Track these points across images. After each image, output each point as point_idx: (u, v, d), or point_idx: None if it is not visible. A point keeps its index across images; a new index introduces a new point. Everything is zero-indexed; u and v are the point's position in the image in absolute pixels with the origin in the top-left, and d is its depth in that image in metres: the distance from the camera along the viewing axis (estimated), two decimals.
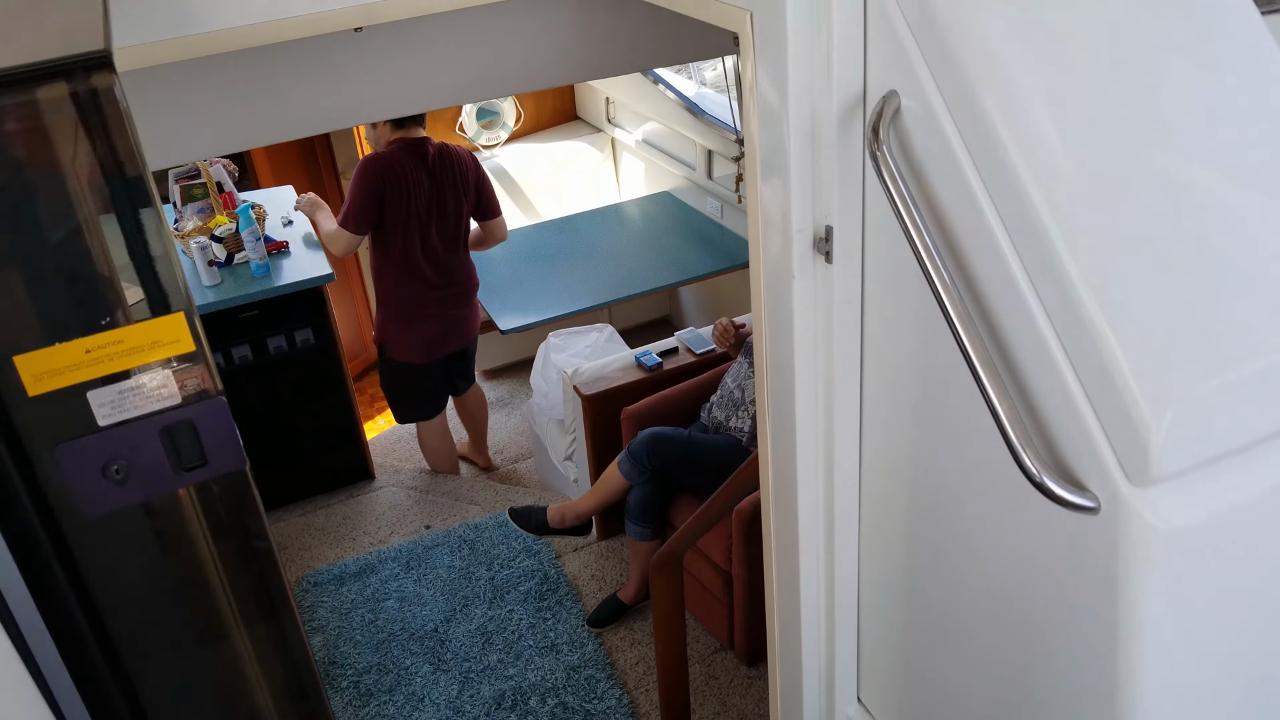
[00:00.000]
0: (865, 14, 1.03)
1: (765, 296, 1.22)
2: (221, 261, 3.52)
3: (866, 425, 1.22)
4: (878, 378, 1.18)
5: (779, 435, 1.30)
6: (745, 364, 3.13)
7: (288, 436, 3.77)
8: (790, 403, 1.22)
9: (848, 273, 1.13)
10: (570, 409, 3.52)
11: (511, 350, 4.97)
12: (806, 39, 1.04)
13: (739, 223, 4.43)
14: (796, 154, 1.08)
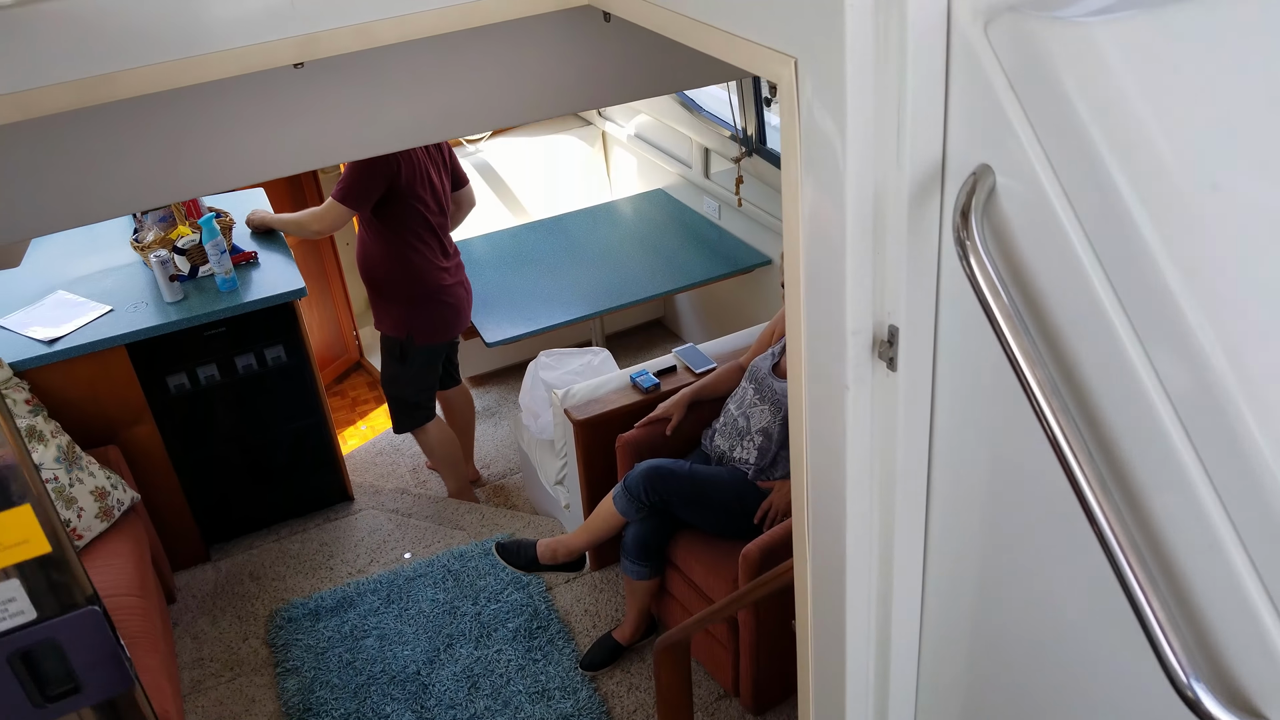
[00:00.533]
0: (948, 64, 0.79)
1: (808, 409, 0.99)
2: (185, 275, 3.26)
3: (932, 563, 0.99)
4: (949, 510, 0.95)
5: (825, 565, 1.07)
6: (750, 389, 2.90)
7: (260, 459, 3.53)
8: (840, 531, 0.99)
9: (915, 383, 0.90)
10: (561, 432, 3.29)
11: (497, 357, 4.72)
12: (871, 95, 0.80)
13: (738, 224, 4.19)
14: (855, 239, 0.85)
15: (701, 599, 2.84)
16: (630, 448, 3.01)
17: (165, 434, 3.28)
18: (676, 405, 3.04)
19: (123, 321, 3.09)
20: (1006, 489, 0.87)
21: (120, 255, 3.42)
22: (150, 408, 3.22)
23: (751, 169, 3.79)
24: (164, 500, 3.35)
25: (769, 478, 2.81)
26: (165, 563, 3.35)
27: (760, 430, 2.81)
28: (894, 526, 0.96)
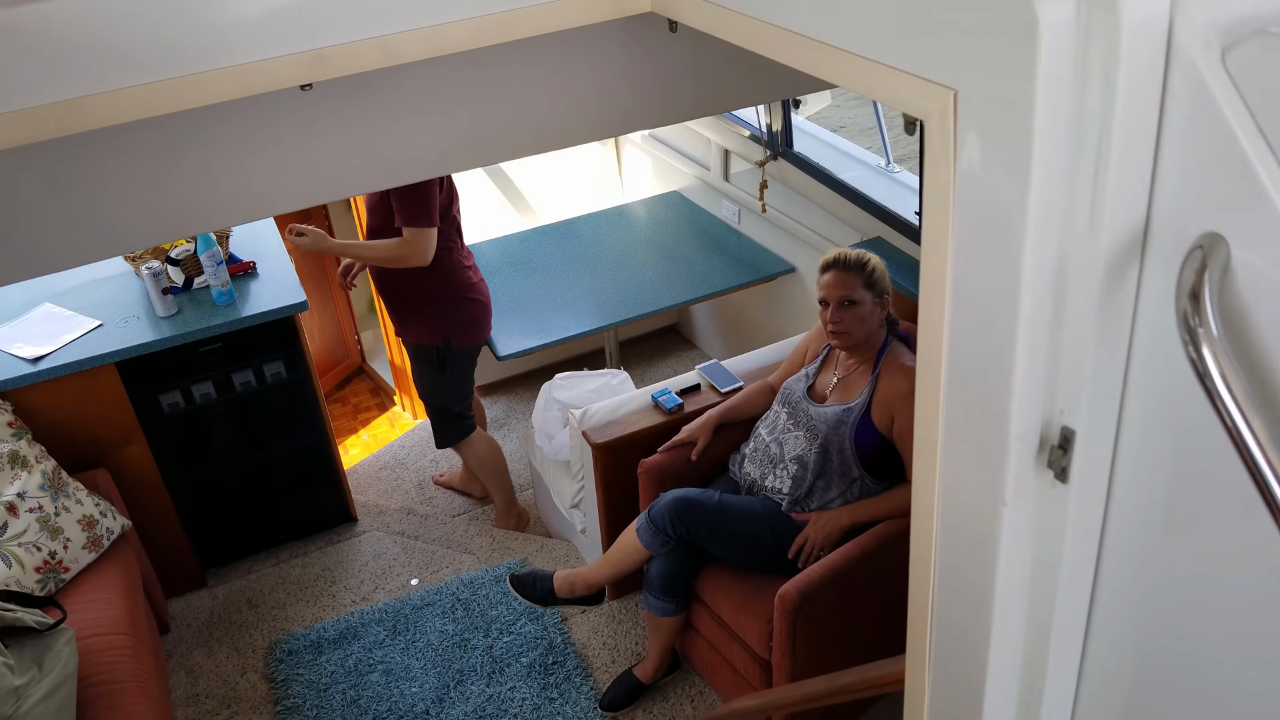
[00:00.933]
0: (1164, 102, 0.60)
1: (942, 525, 0.80)
2: (179, 287, 3.07)
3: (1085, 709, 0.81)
4: (1113, 650, 0.77)
5: (952, 703, 0.88)
6: (783, 414, 2.72)
7: (259, 479, 3.34)
8: (979, 671, 0.81)
9: (1089, 497, 0.71)
10: (578, 454, 3.11)
11: (505, 366, 4.53)
12: (1064, 141, 0.62)
13: (760, 229, 4.00)
14: (1030, 322, 0.66)
15: (730, 638, 2.66)
16: (653, 474, 2.82)
17: (158, 455, 3.10)
18: (702, 428, 2.85)
19: (113, 337, 2.90)
20: (1210, 629, 0.69)
21: (111, 265, 3.23)
22: (142, 428, 3.03)
23: (777, 173, 3.60)
24: (157, 524, 3.17)
25: (804, 509, 2.63)
26: (158, 590, 3.16)
27: (794, 459, 2.63)
28: (1045, 670, 0.78)
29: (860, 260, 2.56)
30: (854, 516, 2.58)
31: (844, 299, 2.54)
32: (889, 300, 2.61)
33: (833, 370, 2.71)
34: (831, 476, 2.60)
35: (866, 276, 2.55)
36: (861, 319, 2.55)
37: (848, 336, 2.56)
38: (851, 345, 2.59)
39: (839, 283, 2.55)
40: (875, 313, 2.58)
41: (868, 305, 2.55)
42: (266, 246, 3.31)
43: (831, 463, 2.60)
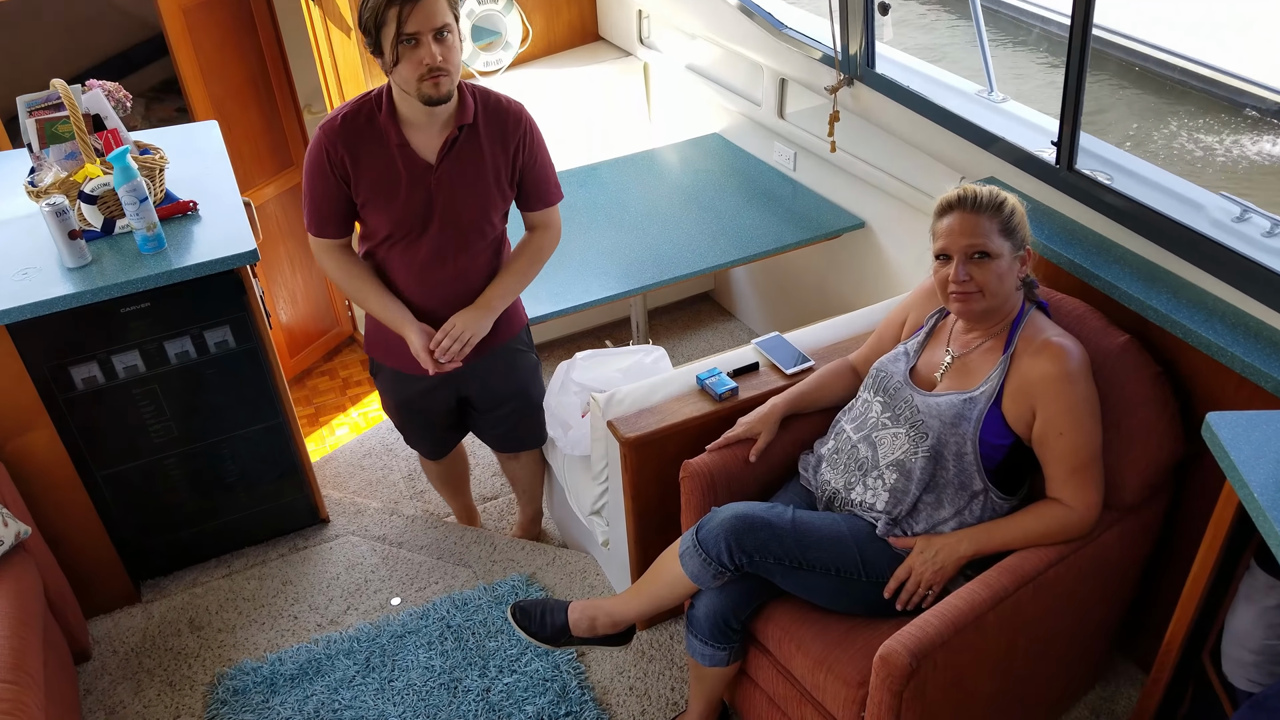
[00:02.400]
0: None
1: None
2: (96, 231, 2.41)
3: None
4: None
5: None
6: (876, 404, 2.05)
7: (204, 474, 2.69)
8: None
9: None
10: (601, 450, 2.45)
11: None
12: None
13: (820, 175, 3.30)
14: None
15: (802, 699, 2.01)
16: (700, 480, 2.16)
17: (70, 444, 2.45)
18: (764, 421, 2.18)
19: (5, 295, 2.25)
20: None
21: (12, 206, 2.57)
22: (48, 410, 2.38)
23: (851, 102, 2.90)
24: (71, 529, 2.53)
25: (906, 532, 1.97)
26: (75, 610, 2.53)
27: (893, 464, 1.96)
28: None
29: (994, 198, 1.88)
30: (976, 545, 1.91)
31: (973, 249, 1.86)
32: (1030, 255, 1.93)
33: (943, 347, 2.04)
34: (944, 489, 1.94)
35: (1004, 220, 1.87)
36: (999, 277, 1.87)
37: (978, 300, 1.89)
38: (981, 313, 1.91)
39: (967, 227, 1.87)
40: (1014, 270, 1.90)
41: (1005, 259, 1.88)
42: (213, 184, 2.64)
43: (945, 471, 1.93)
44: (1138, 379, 1.96)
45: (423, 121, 2.16)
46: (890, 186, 2.98)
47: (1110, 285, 2.07)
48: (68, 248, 2.28)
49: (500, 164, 2.24)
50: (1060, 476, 1.88)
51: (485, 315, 2.33)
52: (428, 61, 2.01)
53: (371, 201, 2.20)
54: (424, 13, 1.97)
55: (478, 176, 2.23)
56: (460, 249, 2.28)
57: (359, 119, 2.16)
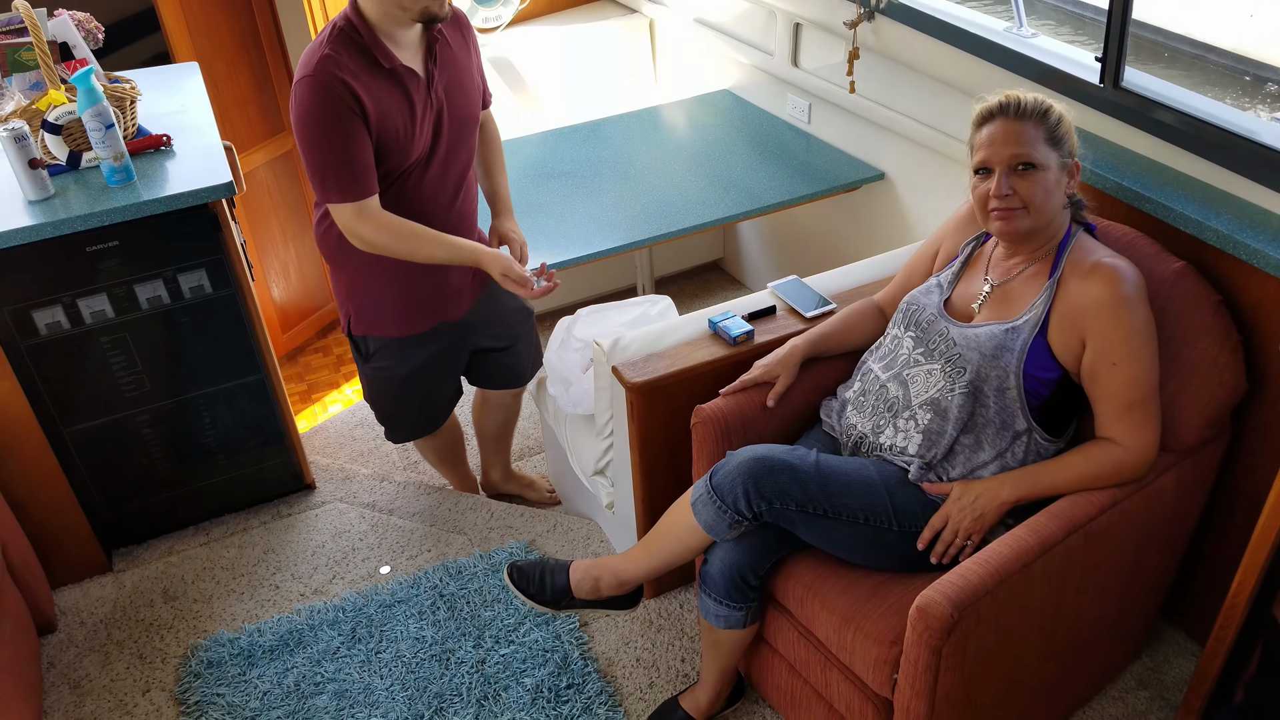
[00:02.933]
0: None
1: None
2: (60, 165, 2.23)
3: None
4: None
5: None
6: (906, 340, 1.87)
7: (180, 432, 2.52)
8: None
9: None
10: (605, 400, 2.27)
11: None
12: None
13: (836, 126, 3.13)
14: None
15: (827, 663, 1.83)
16: (714, 426, 1.97)
17: (33, 396, 2.27)
18: (783, 363, 2.00)
19: None
20: None
21: None
22: (9, 357, 2.20)
23: (872, 39, 2.73)
24: (36, 490, 2.35)
25: (941, 477, 1.78)
26: (40, 578, 2.35)
27: (927, 403, 1.78)
28: None
29: (1039, 105, 1.70)
30: (1019, 489, 1.73)
31: (1017, 160, 1.68)
32: (1078, 167, 1.75)
33: (981, 275, 1.86)
34: (984, 430, 1.75)
35: (1050, 127, 1.69)
36: (1046, 190, 1.69)
37: (1022, 218, 1.71)
38: (1026, 233, 1.73)
39: (1010, 135, 1.69)
40: (1061, 184, 1.72)
41: (1053, 171, 1.69)
42: (191, 122, 2.46)
43: (985, 409, 1.75)
44: (1196, 308, 1.77)
45: (408, 39, 2.00)
46: (912, 132, 2.80)
47: (1163, 208, 1.89)
48: (28, 178, 2.10)
49: (470, 67, 2.15)
50: (1113, 413, 1.69)
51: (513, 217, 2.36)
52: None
53: (391, 137, 1.97)
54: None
55: (464, 73, 2.11)
56: (463, 170, 2.16)
57: (353, 51, 1.93)
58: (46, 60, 2.15)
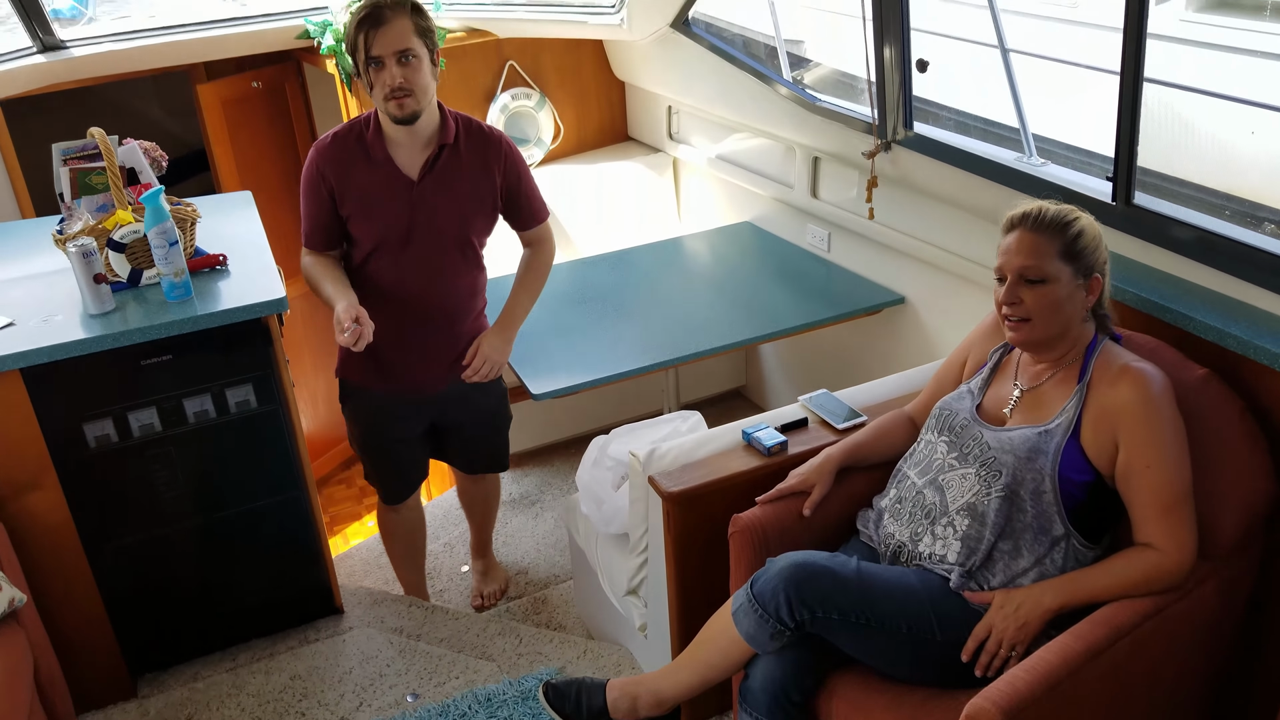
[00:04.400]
0: None
1: None
2: (122, 282, 2.34)
3: None
4: None
5: None
6: (940, 445, 1.90)
7: (215, 550, 2.53)
8: None
9: None
10: (641, 513, 2.28)
11: (540, 429, 3.74)
12: None
13: (857, 253, 3.25)
14: None
15: None
16: (752, 536, 1.99)
17: (77, 507, 2.30)
18: (819, 472, 2.03)
19: (23, 337, 2.16)
20: None
21: (46, 260, 2.52)
22: (56, 468, 2.25)
23: (890, 167, 2.87)
24: (69, 603, 2.35)
25: (982, 585, 1.78)
26: (64, 698, 2.31)
27: (964, 508, 1.80)
28: None
29: (1061, 218, 1.79)
30: (1061, 596, 1.72)
31: (1027, 271, 1.76)
32: (1099, 283, 1.81)
33: (1011, 381, 1.90)
34: (1022, 535, 1.76)
35: (1067, 242, 1.77)
36: (1053, 304, 1.75)
37: (1028, 329, 1.78)
38: (1034, 342, 1.80)
39: (1024, 246, 1.77)
40: (1076, 297, 1.78)
41: (1064, 285, 1.76)
42: (245, 244, 2.58)
43: (1023, 513, 1.76)
44: (1223, 413, 1.81)
45: (405, 140, 2.31)
46: (931, 256, 2.91)
47: (1183, 317, 1.95)
48: (91, 292, 2.20)
49: (481, 184, 2.38)
50: (1150, 517, 1.71)
51: (507, 333, 2.51)
52: (389, 83, 2.19)
53: (357, 213, 2.33)
54: (386, 37, 2.16)
55: (457, 193, 2.36)
56: (440, 264, 2.39)
57: (349, 138, 2.33)
58: (117, 182, 2.28)
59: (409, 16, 2.18)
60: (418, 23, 2.20)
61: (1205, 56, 5.34)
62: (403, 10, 2.17)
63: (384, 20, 2.15)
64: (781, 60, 3.49)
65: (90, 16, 4.13)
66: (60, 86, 3.51)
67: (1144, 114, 2.08)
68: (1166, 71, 4.63)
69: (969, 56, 5.09)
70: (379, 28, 2.15)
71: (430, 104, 2.28)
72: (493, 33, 3.84)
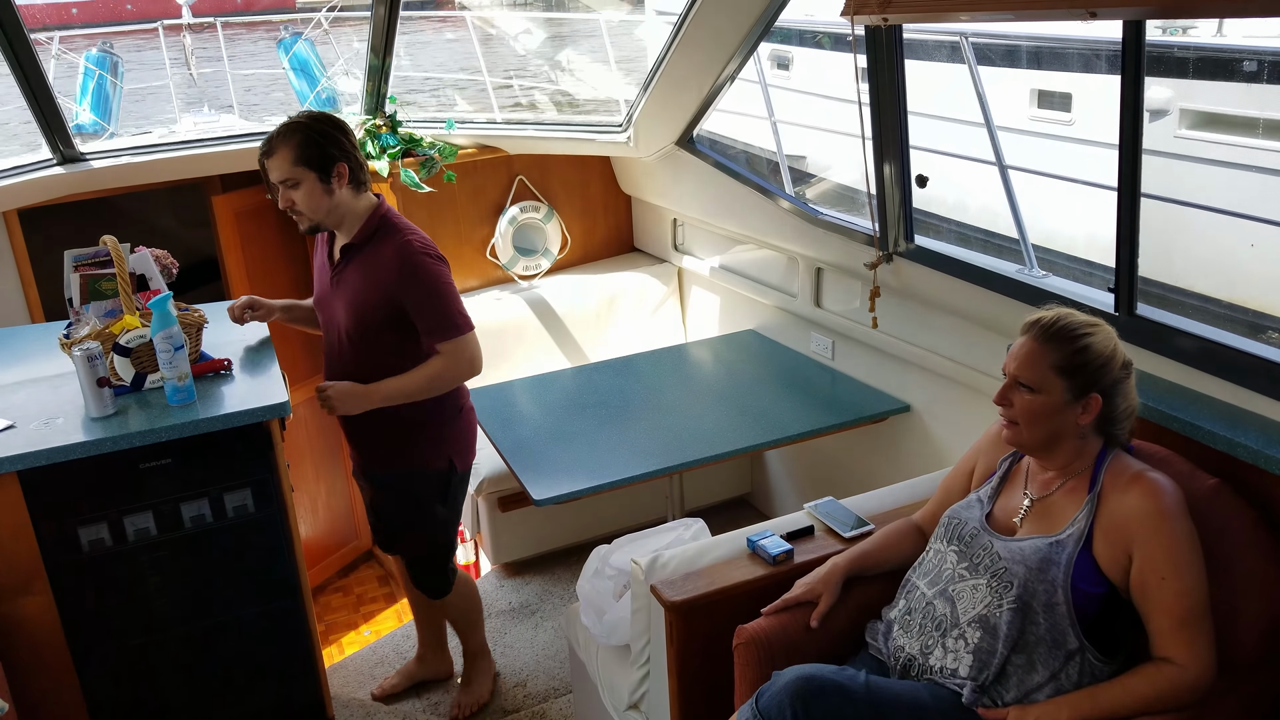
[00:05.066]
0: None
1: None
2: (125, 386, 2.35)
3: None
4: None
5: None
6: (950, 555, 1.86)
7: (203, 660, 2.46)
8: None
9: None
10: (643, 623, 2.22)
11: (540, 537, 3.69)
12: None
13: (860, 362, 3.26)
14: None
15: None
16: (757, 648, 1.93)
17: (66, 612, 2.26)
18: (825, 581, 1.99)
19: (21, 440, 2.16)
20: None
21: (51, 364, 2.53)
22: (48, 571, 2.21)
23: (893, 278, 2.90)
24: (54, 713, 2.27)
25: (996, 701, 1.72)
26: None
27: (976, 620, 1.75)
28: None
29: (1069, 331, 1.76)
30: (1077, 712, 1.66)
31: (1020, 377, 1.76)
32: (1096, 403, 1.74)
33: (1020, 490, 1.88)
34: (1036, 648, 1.71)
35: (1067, 356, 1.74)
36: (1036, 415, 1.74)
37: (1015, 431, 1.79)
38: (1022, 445, 1.80)
39: (1022, 352, 1.78)
40: (1067, 413, 1.75)
41: (1054, 397, 1.73)
42: (250, 352, 2.60)
43: (1036, 626, 1.71)
44: (1236, 524, 1.78)
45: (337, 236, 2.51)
46: (936, 365, 2.92)
47: (1191, 426, 1.93)
48: (94, 395, 2.21)
49: (371, 292, 2.42)
50: (1167, 630, 1.66)
51: (360, 394, 2.46)
52: (280, 205, 2.41)
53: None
54: (272, 167, 2.37)
55: (353, 290, 2.46)
56: (338, 349, 2.53)
57: None
58: (126, 289, 2.32)
59: (292, 148, 2.33)
60: (302, 151, 2.33)
61: (1202, 170, 5.48)
62: (288, 140, 2.33)
63: (270, 152, 2.35)
64: (784, 175, 3.59)
65: (112, 131, 4.27)
66: (78, 197, 3.60)
67: (1145, 226, 2.11)
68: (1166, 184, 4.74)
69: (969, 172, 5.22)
70: (268, 159, 2.36)
71: (337, 213, 2.42)
72: (503, 149, 3.96)
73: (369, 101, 3.79)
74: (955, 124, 4.29)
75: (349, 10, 5.22)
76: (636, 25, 9.89)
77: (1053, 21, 3.65)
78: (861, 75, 2.74)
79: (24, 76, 3.19)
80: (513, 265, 4.01)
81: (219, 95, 6.64)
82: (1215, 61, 5.72)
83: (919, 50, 6.18)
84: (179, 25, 5.55)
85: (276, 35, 4.93)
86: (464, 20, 8.68)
